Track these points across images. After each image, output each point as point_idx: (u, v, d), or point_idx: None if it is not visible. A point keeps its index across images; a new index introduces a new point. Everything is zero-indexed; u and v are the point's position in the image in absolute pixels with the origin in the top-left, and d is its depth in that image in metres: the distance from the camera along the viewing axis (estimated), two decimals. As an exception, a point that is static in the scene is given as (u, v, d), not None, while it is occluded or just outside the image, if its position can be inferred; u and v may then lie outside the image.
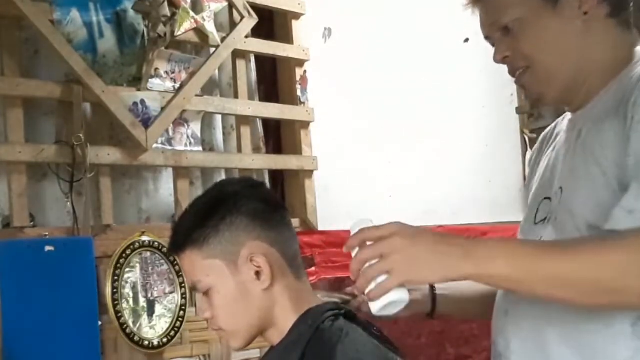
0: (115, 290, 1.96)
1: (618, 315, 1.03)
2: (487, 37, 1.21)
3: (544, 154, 1.30)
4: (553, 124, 1.33)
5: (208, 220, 1.23)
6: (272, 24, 2.58)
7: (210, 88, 2.38)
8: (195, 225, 1.24)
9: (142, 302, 2.04)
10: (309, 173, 2.51)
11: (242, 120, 2.39)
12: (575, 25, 1.11)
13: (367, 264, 0.97)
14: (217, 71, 2.37)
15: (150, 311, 2.05)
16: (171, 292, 2.09)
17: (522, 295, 1.06)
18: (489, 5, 1.17)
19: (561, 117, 1.29)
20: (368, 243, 0.99)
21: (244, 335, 1.25)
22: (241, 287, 1.22)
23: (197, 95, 2.23)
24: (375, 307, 0.96)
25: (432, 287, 1.38)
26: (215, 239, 1.22)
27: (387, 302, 0.95)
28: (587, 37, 1.12)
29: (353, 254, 1.01)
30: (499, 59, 1.17)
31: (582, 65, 1.13)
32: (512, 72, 1.18)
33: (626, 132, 1.02)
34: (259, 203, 1.26)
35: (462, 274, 0.96)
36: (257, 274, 1.21)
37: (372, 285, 0.96)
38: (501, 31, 1.16)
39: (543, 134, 1.36)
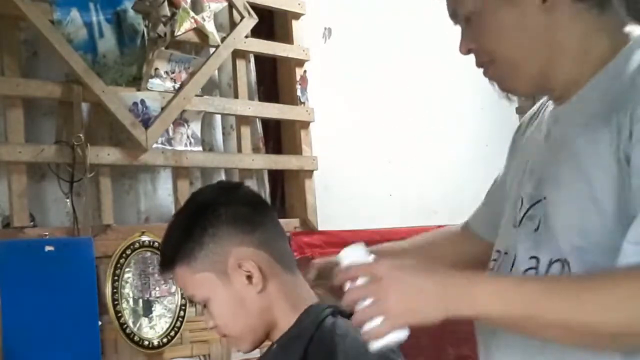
0: (115, 290, 1.96)
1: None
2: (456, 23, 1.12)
3: (524, 138, 1.19)
4: (538, 104, 1.20)
5: (190, 235, 1.22)
6: (272, 24, 2.58)
7: (210, 88, 2.38)
8: (179, 242, 1.24)
9: (142, 302, 2.04)
10: (309, 173, 2.51)
11: (242, 120, 2.39)
12: (535, 15, 1.01)
13: (360, 304, 0.95)
14: (217, 71, 2.37)
15: (150, 311, 2.05)
16: (171, 292, 2.09)
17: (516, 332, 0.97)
18: None
19: (546, 99, 1.17)
20: (359, 280, 0.96)
21: (250, 339, 1.25)
22: (236, 295, 1.22)
23: (197, 95, 2.23)
24: (373, 347, 0.96)
25: None
26: (201, 253, 1.22)
27: (384, 343, 0.95)
28: (550, 26, 1.02)
29: (345, 288, 0.98)
30: (464, 51, 1.08)
31: (550, 55, 1.03)
32: (478, 65, 1.09)
33: (624, 151, 0.91)
34: (238, 206, 1.25)
35: (458, 315, 0.91)
36: (249, 278, 1.21)
37: (368, 327, 0.94)
38: (464, 21, 1.07)
39: (527, 115, 1.22)
